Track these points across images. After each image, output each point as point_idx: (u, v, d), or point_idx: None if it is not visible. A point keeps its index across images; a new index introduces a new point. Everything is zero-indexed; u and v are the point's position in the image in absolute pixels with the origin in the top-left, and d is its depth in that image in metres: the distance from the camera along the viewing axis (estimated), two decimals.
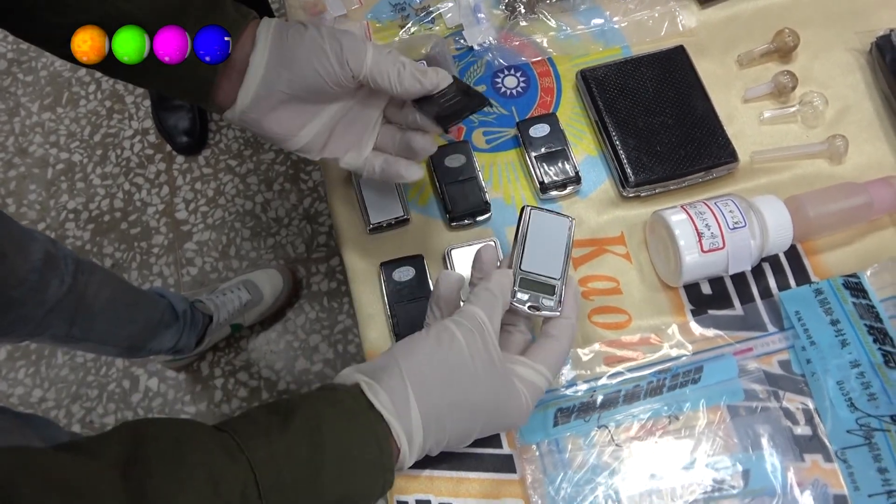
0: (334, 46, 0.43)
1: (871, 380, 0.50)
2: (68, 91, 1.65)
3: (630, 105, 0.59)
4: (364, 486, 0.39)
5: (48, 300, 0.90)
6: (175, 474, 0.32)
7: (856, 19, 0.63)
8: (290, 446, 0.36)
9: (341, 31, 0.44)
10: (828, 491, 0.49)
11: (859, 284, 0.52)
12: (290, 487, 0.35)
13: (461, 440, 0.43)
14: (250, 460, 0.34)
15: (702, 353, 0.53)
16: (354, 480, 0.38)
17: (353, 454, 0.38)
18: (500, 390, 0.42)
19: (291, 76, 0.43)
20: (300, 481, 0.36)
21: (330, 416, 0.38)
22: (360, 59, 0.43)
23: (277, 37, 0.44)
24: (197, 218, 1.51)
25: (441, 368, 0.41)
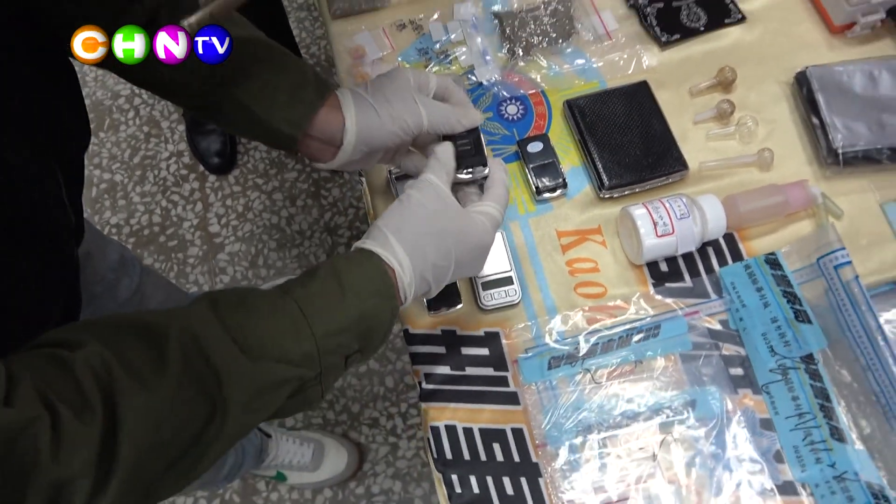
0: (400, 125, 0.57)
1: (785, 331, 0.66)
2: (109, 118, 1.82)
3: (605, 127, 0.75)
4: (376, 308, 0.49)
5: (119, 297, 1.04)
6: (244, 305, 0.46)
7: (782, 59, 0.80)
8: (321, 286, 0.48)
9: (398, 97, 0.57)
10: (755, 416, 0.65)
11: (776, 260, 0.68)
12: (324, 310, 0.47)
13: (445, 265, 0.53)
14: (294, 297, 0.47)
15: (660, 315, 0.69)
16: (368, 302, 0.48)
17: (365, 285, 0.49)
18: (459, 218, 0.54)
19: (372, 146, 0.59)
20: (330, 305, 0.47)
21: (343, 265, 0.50)
22: (419, 125, 0.57)
23: (360, 124, 0.57)
24: (228, 231, 1.67)
25: (408, 216, 0.53)
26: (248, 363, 0.43)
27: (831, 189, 0.73)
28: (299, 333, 0.46)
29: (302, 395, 0.47)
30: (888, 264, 0.70)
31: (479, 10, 0.84)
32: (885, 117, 0.73)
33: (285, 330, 0.45)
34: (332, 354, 0.47)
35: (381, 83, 0.59)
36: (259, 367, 0.43)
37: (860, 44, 0.81)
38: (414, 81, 0.59)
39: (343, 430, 1.47)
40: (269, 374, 0.44)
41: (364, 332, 0.49)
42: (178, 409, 0.40)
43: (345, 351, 0.49)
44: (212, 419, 0.41)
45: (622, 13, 0.84)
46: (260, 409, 0.45)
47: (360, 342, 0.49)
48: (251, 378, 0.43)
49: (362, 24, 0.83)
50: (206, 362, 0.41)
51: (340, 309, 0.48)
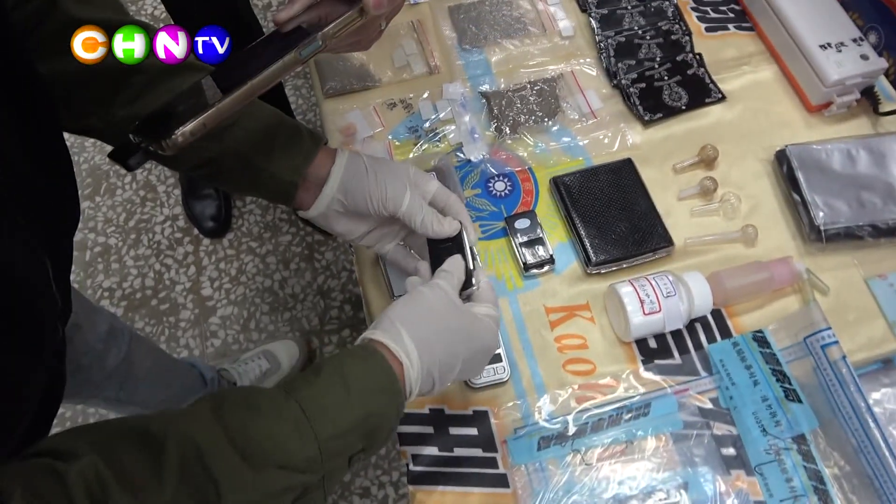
0: (381, 192, 0.60)
1: (776, 410, 0.65)
2: (106, 182, 1.84)
3: (591, 203, 0.77)
4: (381, 406, 0.49)
5: (107, 366, 1.03)
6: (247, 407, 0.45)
7: (762, 136, 0.82)
8: (325, 384, 0.48)
9: (391, 174, 0.61)
10: (749, 499, 0.63)
11: (764, 337, 0.68)
12: (328, 410, 0.46)
13: (451, 363, 0.53)
14: (297, 399, 0.46)
15: (650, 393, 0.68)
16: (374, 400, 0.48)
17: (369, 384, 0.49)
18: (467, 319, 0.55)
19: (349, 203, 0.61)
20: (335, 405, 0.47)
21: (349, 361, 0.50)
22: (398, 205, 0.60)
23: (346, 173, 0.61)
24: (221, 294, 1.67)
25: (420, 310, 0.54)
26: (249, 472, 0.42)
27: (816, 265, 0.74)
28: (303, 437, 0.45)
29: (304, 500, 0.46)
30: (877, 340, 0.70)
31: (467, 90, 0.86)
32: (865, 195, 0.74)
33: (289, 434, 0.45)
34: (337, 457, 0.47)
35: (382, 159, 0.63)
36: (261, 476, 0.43)
37: (837, 122, 0.83)
38: (413, 175, 0.62)
39: (333, 500, 1.43)
40: (271, 483, 0.43)
41: (369, 431, 0.49)
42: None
43: (349, 451, 0.48)
44: None
45: (606, 93, 0.86)
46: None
47: (364, 441, 0.49)
48: (253, 488, 0.42)
49: (353, 103, 0.86)
50: (205, 472, 0.41)
51: (346, 409, 0.47)
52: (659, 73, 0.86)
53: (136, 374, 1.11)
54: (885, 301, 0.72)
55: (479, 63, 0.89)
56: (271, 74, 0.48)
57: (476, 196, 0.80)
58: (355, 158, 0.62)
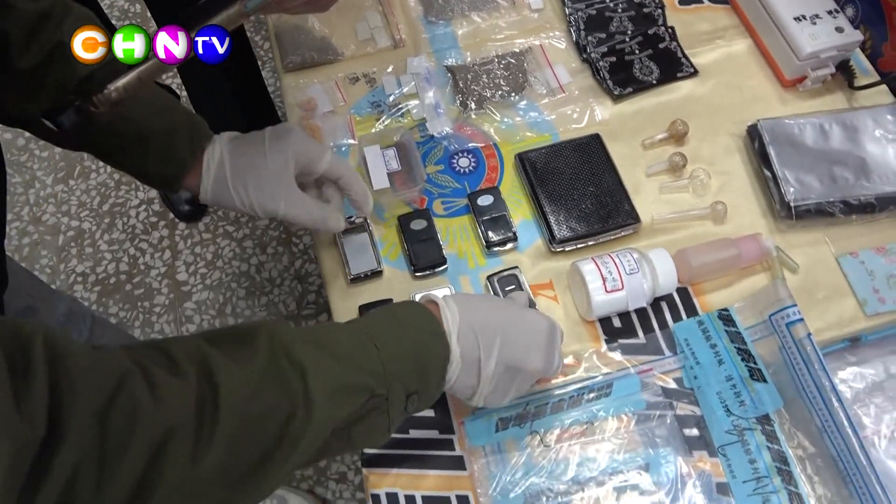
0: (253, 208, 0.62)
1: (741, 390, 0.63)
2: (80, 165, 1.81)
3: (557, 180, 0.74)
4: (429, 344, 0.51)
5: None
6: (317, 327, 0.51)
7: (734, 111, 0.80)
8: (380, 317, 0.52)
9: (260, 184, 0.61)
10: (712, 480, 0.62)
11: (729, 316, 0.66)
12: (385, 335, 0.49)
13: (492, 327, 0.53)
14: (361, 322, 0.51)
15: (612, 374, 0.66)
16: (422, 336, 0.51)
17: (417, 321, 0.51)
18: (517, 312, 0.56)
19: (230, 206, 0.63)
20: (390, 332, 0.50)
21: (396, 305, 0.54)
22: (274, 215, 0.62)
23: (215, 186, 0.62)
24: (196, 279, 1.64)
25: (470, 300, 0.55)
26: (330, 359, 0.46)
27: (786, 242, 0.72)
28: (367, 350, 0.48)
29: (369, 420, 0.48)
30: (846, 319, 0.69)
31: (432, 64, 0.84)
32: (837, 170, 0.72)
33: (357, 347, 0.48)
34: (396, 380, 0.48)
35: (255, 167, 0.62)
36: (338, 367, 0.46)
37: (811, 97, 0.81)
38: (299, 162, 0.62)
39: (309, 485, 1.42)
40: (347, 374, 0.46)
41: (421, 366, 0.50)
42: (269, 389, 0.42)
43: (406, 383, 0.49)
44: (295, 413, 0.43)
45: (575, 66, 0.84)
46: (342, 406, 0.46)
47: (417, 378, 0.50)
48: (333, 374, 0.45)
49: (315, 78, 0.83)
50: (291, 358, 0.44)
51: (399, 336, 0.50)
52: (630, 47, 0.84)
53: None
54: (856, 279, 0.70)
55: (445, 36, 0.86)
56: (223, 20, 0.48)
57: (439, 172, 0.77)
58: (220, 170, 0.62)
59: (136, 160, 0.61)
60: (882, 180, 0.72)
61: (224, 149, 0.62)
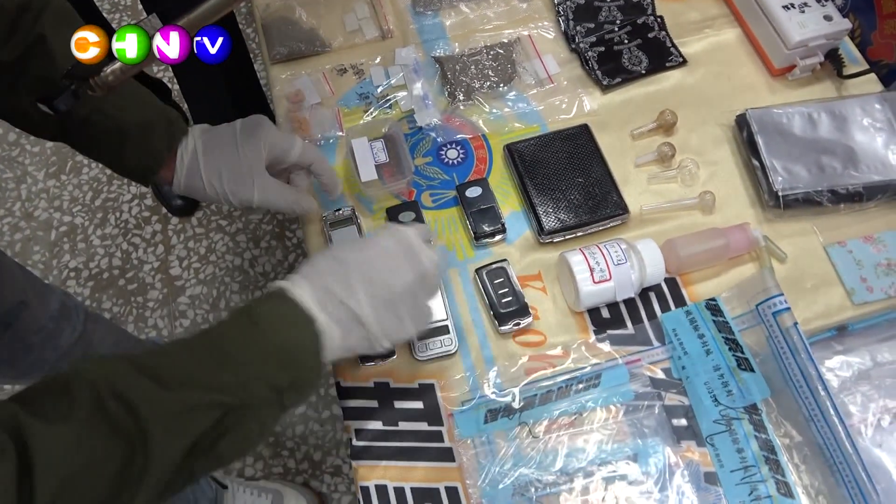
0: (228, 199, 0.63)
1: (728, 380, 0.64)
2: (72, 160, 1.80)
3: (545, 171, 0.74)
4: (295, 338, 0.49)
5: (61, 346, 1.01)
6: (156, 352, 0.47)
7: (723, 101, 0.80)
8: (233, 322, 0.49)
9: (234, 174, 0.62)
10: (700, 469, 0.62)
11: (717, 306, 0.66)
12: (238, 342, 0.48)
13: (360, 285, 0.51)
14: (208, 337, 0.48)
15: (601, 364, 0.66)
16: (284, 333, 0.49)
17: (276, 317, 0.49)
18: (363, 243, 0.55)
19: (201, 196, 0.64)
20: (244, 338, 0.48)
21: (252, 303, 0.50)
22: (249, 203, 0.63)
23: (188, 178, 0.63)
24: (189, 274, 1.63)
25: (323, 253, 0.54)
26: (163, 391, 0.43)
27: (775, 232, 0.72)
28: (215, 365, 0.46)
29: (236, 430, 0.46)
30: (834, 308, 0.69)
31: (420, 55, 0.83)
32: (825, 159, 0.72)
33: (200, 363, 0.46)
34: (256, 383, 0.47)
35: (228, 158, 0.62)
36: (176, 394, 0.44)
37: (800, 86, 0.81)
38: (270, 153, 0.63)
39: (304, 478, 1.42)
40: (187, 398, 0.44)
41: (287, 359, 0.48)
42: (93, 439, 0.40)
43: (274, 383, 0.47)
44: (133, 454, 0.41)
45: (564, 57, 0.83)
46: (186, 432, 0.44)
47: (286, 372, 0.48)
48: (168, 403, 0.43)
49: (302, 69, 0.83)
50: (117, 397, 0.41)
51: (255, 340, 0.48)
52: (619, 37, 0.83)
53: (95, 353, 1.09)
54: (844, 268, 0.70)
55: (433, 27, 0.86)
56: (210, 8, 0.48)
57: (427, 164, 0.77)
58: (192, 164, 0.63)
59: (113, 152, 0.62)
60: (870, 169, 0.72)
61: (197, 140, 0.63)
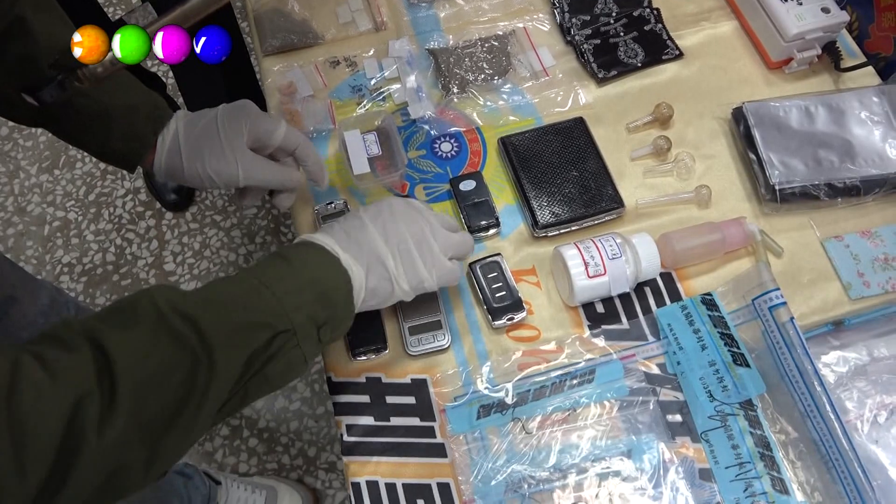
0: (212, 180, 0.62)
1: (723, 375, 0.63)
2: (65, 155, 1.78)
3: (539, 165, 0.73)
4: (326, 273, 0.53)
5: None
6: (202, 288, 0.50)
7: (720, 94, 0.79)
8: (267, 262, 0.53)
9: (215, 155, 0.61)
10: (694, 466, 0.61)
11: (712, 300, 0.66)
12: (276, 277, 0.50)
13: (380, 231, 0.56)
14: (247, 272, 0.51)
15: (595, 360, 0.66)
16: (316, 269, 0.53)
17: (307, 257, 0.53)
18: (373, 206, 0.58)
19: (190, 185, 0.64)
20: (281, 273, 0.51)
21: (281, 249, 0.54)
22: (235, 183, 0.62)
23: (168, 161, 0.63)
24: (184, 269, 1.62)
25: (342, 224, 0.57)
26: (219, 310, 0.46)
27: (771, 226, 0.71)
28: (260, 295, 0.49)
29: (283, 357, 0.49)
30: (831, 303, 0.68)
31: (414, 47, 0.82)
32: (822, 153, 0.72)
33: (247, 292, 0.49)
34: (299, 312, 0.49)
35: (209, 140, 0.62)
36: (231, 312, 0.47)
37: (797, 79, 0.80)
38: (252, 132, 0.62)
39: (298, 474, 1.41)
40: (241, 315, 0.47)
41: (322, 296, 0.51)
42: (162, 346, 0.43)
43: (312, 315, 0.50)
44: (198, 364, 0.44)
45: (559, 49, 0.83)
46: (243, 346, 0.46)
47: (322, 307, 0.51)
48: (225, 320, 0.46)
49: (294, 61, 0.82)
50: (179, 312, 0.44)
51: (291, 274, 0.51)
52: (614, 29, 0.82)
53: None
54: (841, 263, 0.69)
55: (427, 19, 0.85)
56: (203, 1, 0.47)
57: (421, 157, 0.76)
58: (173, 153, 0.62)
59: (98, 137, 0.61)
60: (867, 163, 0.71)
61: (179, 123, 0.63)
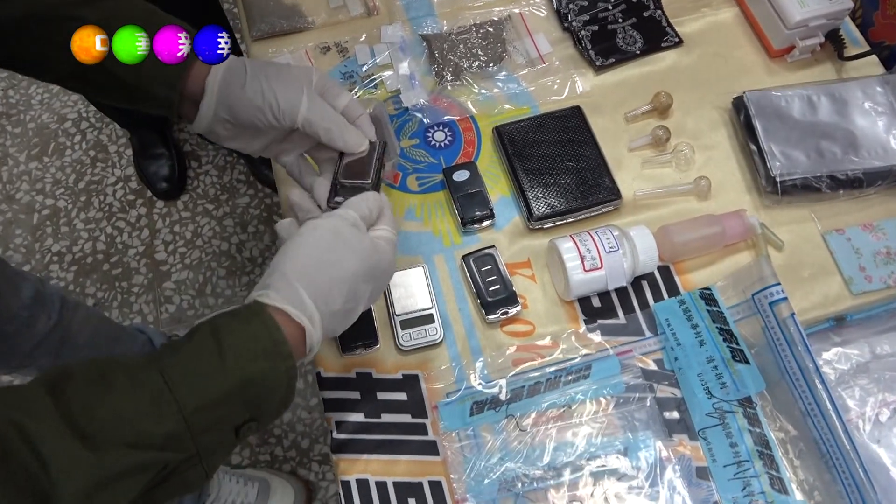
0: (271, 102, 0.53)
1: (722, 372, 0.61)
2: (55, 141, 1.76)
3: (535, 154, 0.71)
4: (264, 372, 0.43)
5: (36, 335, 0.98)
6: (99, 383, 0.40)
7: (720, 83, 0.77)
8: (196, 350, 0.43)
9: (282, 79, 0.54)
10: (692, 464, 0.60)
11: (711, 295, 0.64)
12: (196, 380, 0.41)
13: (354, 308, 0.50)
14: (160, 367, 0.41)
15: (591, 355, 0.64)
16: (253, 366, 0.43)
17: (249, 348, 0.43)
18: (366, 253, 0.50)
19: (236, 121, 0.54)
20: (204, 373, 0.42)
21: (228, 323, 0.44)
22: (294, 116, 0.53)
23: (223, 85, 0.53)
24: (175, 259, 1.60)
25: (315, 256, 0.48)
26: (85, 452, 0.37)
27: (772, 219, 0.70)
28: (161, 411, 0.40)
29: (178, 478, 0.41)
30: (832, 298, 0.67)
31: (407, 33, 0.80)
32: (824, 144, 0.70)
33: (145, 409, 0.40)
34: (212, 431, 0.42)
35: (276, 65, 0.55)
36: (102, 455, 0.37)
37: (800, 68, 0.78)
38: (318, 83, 0.55)
39: (291, 466, 1.40)
40: (114, 462, 0.38)
41: (252, 399, 0.43)
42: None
43: (229, 423, 0.43)
44: None
45: (556, 36, 0.80)
46: (120, 494, 0.38)
47: (249, 411, 0.44)
48: (90, 468, 0.37)
49: (284, 46, 0.79)
50: (32, 453, 0.36)
51: (218, 376, 0.42)
52: (613, 16, 0.80)
53: (73, 341, 1.06)
54: (843, 257, 0.68)
55: (421, 4, 0.82)
56: None
57: (413, 147, 0.74)
58: (237, 67, 0.54)
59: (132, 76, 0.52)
60: (871, 154, 0.69)
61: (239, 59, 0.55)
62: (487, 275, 0.66)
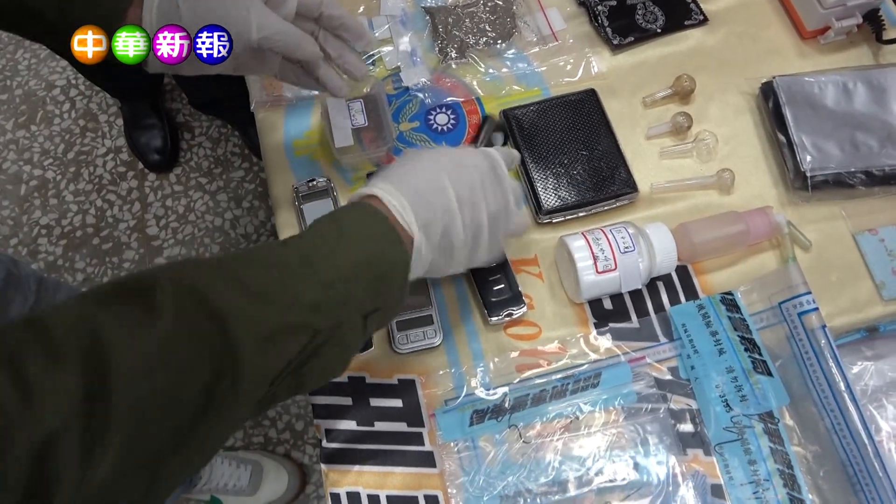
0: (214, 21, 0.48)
1: (742, 383, 0.57)
2: (43, 110, 1.69)
3: (545, 142, 0.66)
4: (384, 252, 0.44)
5: (11, 318, 0.94)
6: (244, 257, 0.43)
7: (747, 66, 0.71)
8: (320, 232, 0.44)
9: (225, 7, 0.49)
10: (706, 481, 0.56)
11: (733, 300, 0.59)
12: (327, 256, 0.43)
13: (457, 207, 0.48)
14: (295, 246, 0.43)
15: (601, 362, 0.60)
16: (374, 245, 0.44)
17: (365, 228, 0.45)
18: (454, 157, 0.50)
19: None
20: (333, 250, 0.43)
21: (339, 211, 0.46)
22: (248, 37, 0.49)
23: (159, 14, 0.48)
24: (167, 234, 1.56)
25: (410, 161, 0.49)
26: (254, 305, 0.39)
27: (799, 216, 0.65)
28: (305, 281, 0.41)
29: (321, 354, 0.42)
30: (861, 303, 0.62)
31: (408, 4, 0.74)
32: (860, 136, 0.64)
33: (289, 277, 0.41)
34: (345, 306, 0.42)
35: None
36: (267, 309, 0.39)
37: (834, 51, 0.72)
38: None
39: (285, 449, 1.37)
40: (278, 316, 0.39)
41: (376, 280, 0.44)
42: (178, 354, 0.35)
43: (360, 305, 0.43)
44: (221, 372, 0.36)
45: (571, 11, 0.74)
46: (278, 356, 0.39)
47: (374, 295, 0.44)
48: (260, 321, 0.38)
49: None
50: (205, 308, 0.37)
51: (343, 252, 0.43)
52: None
53: None
54: (874, 259, 0.63)
55: None
56: None
57: (413, 130, 0.69)
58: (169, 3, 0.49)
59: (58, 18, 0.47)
60: None
61: None
62: (491, 273, 0.61)
